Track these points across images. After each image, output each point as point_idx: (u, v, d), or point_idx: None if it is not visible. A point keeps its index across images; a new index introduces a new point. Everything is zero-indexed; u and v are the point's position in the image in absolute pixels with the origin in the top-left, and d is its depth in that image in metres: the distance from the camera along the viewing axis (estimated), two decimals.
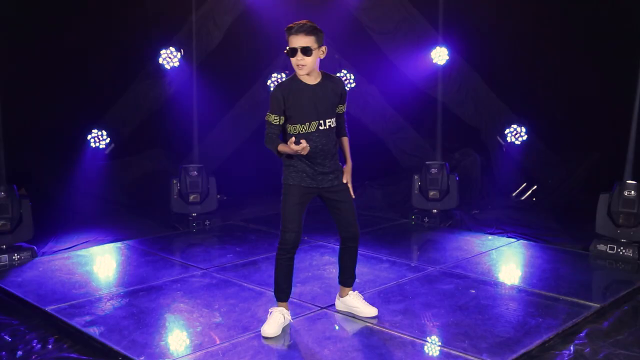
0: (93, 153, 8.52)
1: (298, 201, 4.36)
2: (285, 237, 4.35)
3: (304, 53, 4.14)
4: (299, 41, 4.13)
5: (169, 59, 8.29)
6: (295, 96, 4.24)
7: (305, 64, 4.17)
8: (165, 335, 4.49)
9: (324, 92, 4.30)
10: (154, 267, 6.09)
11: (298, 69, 4.22)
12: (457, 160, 8.89)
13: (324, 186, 4.39)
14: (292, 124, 4.28)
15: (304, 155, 4.22)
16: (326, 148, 4.33)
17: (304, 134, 4.26)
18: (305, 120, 4.26)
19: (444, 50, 8.06)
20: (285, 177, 4.40)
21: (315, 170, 4.35)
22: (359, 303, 4.75)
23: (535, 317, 4.70)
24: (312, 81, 4.29)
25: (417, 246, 7.06)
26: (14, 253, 6.23)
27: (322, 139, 4.30)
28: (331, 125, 4.34)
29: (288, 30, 4.16)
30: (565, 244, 6.78)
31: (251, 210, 8.74)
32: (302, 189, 4.36)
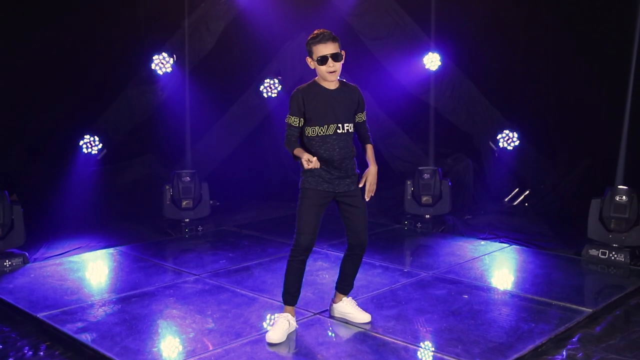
0: (85, 159, 8.49)
1: (315, 205, 4.37)
2: (299, 240, 4.35)
3: (335, 59, 4.23)
4: (328, 48, 4.22)
5: (162, 64, 8.28)
6: (315, 99, 4.31)
7: (336, 69, 4.27)
8: (157, 341, 4.47)
9: (342, 97, 4.37)
10: (146, 273, 6.07)
11: (330, 76, 4.28)
12: (450, 165, 8.91)
13: (340, 190, 4.41)
14: (311, 126, 4.34)
15: (323, 160, 4.29)
16: (343, 152, 4.36)
17: (322, 137, 4.32)
18: (324, 123, 4.32)
19: (436, 56, 8.09)
20: (303, 181, 4.43)
21: (331, 174, 4.37)
22: (353, 309, 4.75)
23: (527, 322, 4.71)
24: (331, 86, 4.36)
25: (410, 251, 7.07)
26: (6, 259, 6.20)
27: (339, 142, 4.34)
28: (349, 130, 4.39)
29: (313, 39, 4.24)
30: (557, 249, 6.81)
31: (244, 216, 8.73)
32: (319, 192, 4.38)
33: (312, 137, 4.34)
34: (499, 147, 8.79)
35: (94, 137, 8.48)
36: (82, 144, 8.41)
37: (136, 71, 8.54)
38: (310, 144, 4.36)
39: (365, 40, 9.12)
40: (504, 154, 8.81)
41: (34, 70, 7.64)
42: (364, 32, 9.09)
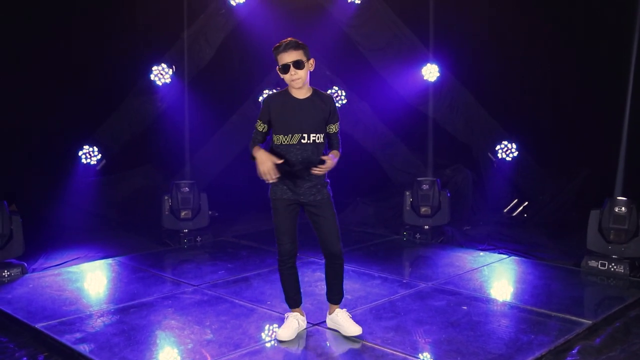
0: (84, 169, 8.50)
1: (284, 213, 4.46)
2: (281, 250, 4.50)
3: (296, 67, 4.25)
4: (290, 56, 4.25)
5: (161, 75, 8.31)
6: (282, 108, 4.36)
7: (299, 77, 4.28)
8: (156, 352, 4.46)
9: (312, 107, 4.38)
10: (144, 284, 6.06)
11: (293, 84, 4.31)
12: (449, 176, 8.91)
13: (305, 200, 4.45)
14: (276, 135, 4.41)
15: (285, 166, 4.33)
16: (307, 162, 4.37)
17: (286, 145, 4.37)
18: (288, 132, 4.36)
19: (435, 67, 8.12)
20: (270, 191, 4.50)
21: (295, 183, 4.40)
22: (344, 321, 4.70)
23: (527, 333, 4.70)
24: (301, 95, 4.39)
25: (409, 262, 7.06)
26: (4, 269, 6.19)
27: (303, 153, 4.36)
28: (315, 141, 4.38)
29: (276, 49, 4.30)
30: (556, 260, 6.80)
31: (242, 226, 8.72)
32: (284, 201, 4.44)
33: (277, 145, 4.41)
34: (497, 158, 8.80)
35: (93, 148, 8.50)
36: (81, 154, 8.43)
37: (135, 82, 8.56)
38: (276, 151, 4.41)
39: (364, 51, 9.15)
40: (502, 165, 8.83)
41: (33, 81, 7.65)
42: (362, 43, 9.13)
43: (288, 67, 4.25)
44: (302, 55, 4.27)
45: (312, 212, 4.48)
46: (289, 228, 4.47)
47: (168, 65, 8.30)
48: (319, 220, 4.48)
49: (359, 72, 9.40)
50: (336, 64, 9.68)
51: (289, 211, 4.46)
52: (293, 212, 4.48)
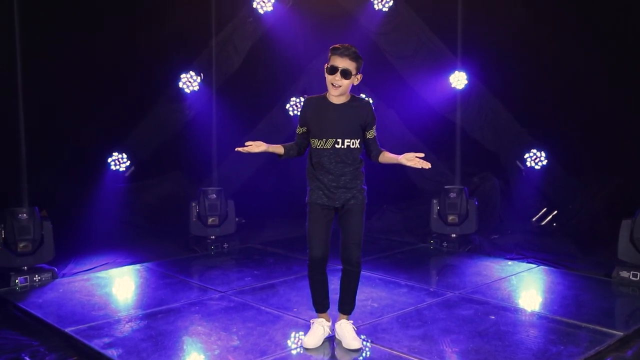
0: (113, 176, 8.60)
1: (319, 219, 4.46)
2: (311, 255, 4.48)
3: (343, 75, 4.27)
4: (343, 63, 4.26)
5: (189, 83, 8.39)
6: (318, 112, 4.40)
7: (341, 85, 4.30)
8: (183, 358, 4.48)
9: (348, 112, 4.39)
10: (172, 290, 6.10)
11: (332, 88, 4.32)
12: (476, 184, 8.85)
13: (339, 205, 4.45)
14: (312, 138, 4.46)
15: (321, 172, 4.38)
16: (340, 166, 4.39)
17: (320, 150, 4.40)
18: (322, 137, 4.38)
19: (463, 74, 8.08)
20: (308, 196, 4.52)
21: (329, 190, 4.41)
22: (346, 333, 4.61)
23: (556, 344, 4.63)
24: (338, 101, 4.40)
25: (436, 271, 7.01)
26: (35, 274, 6.29)
27: (336, 157, 4.38)
28: (351, 146, 4.39)
29: (334, 49, 4.30)
30: (586, 270, 6.70)
31: (269, 233, 8.75)
32: (319, 206, 4.45)
33: (313, 149, 4.46)
34: (526, 167, 8.71)
35: (122, 155, 8.59)
36: (110, 161, 8.53)
37: (164, 90, 8.65)
38: (313, 154, 4.47)
39: (392, 59, 9.14)
40: (531, 173, 8.73)
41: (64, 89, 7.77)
42: (390, 50, 9.12)
43: (336, 70, 4.26)
44: (354, 68, 4.29)
45: (343, 216, 4.48)
46: (321, 234, 4.45)
47: (196, 73, 8.38)
48: (347, 224, 4.47)
49: (386, 80, 9.38)
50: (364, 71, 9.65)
51: (323, 216, 4.46)
52: (327, 218, 4.48)
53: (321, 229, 4.46)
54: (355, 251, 4.48)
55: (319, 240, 4.45)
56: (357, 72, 4.33)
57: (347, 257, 4.51)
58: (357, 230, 4.47)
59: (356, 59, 4.29)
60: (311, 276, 4.60)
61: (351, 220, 4.46)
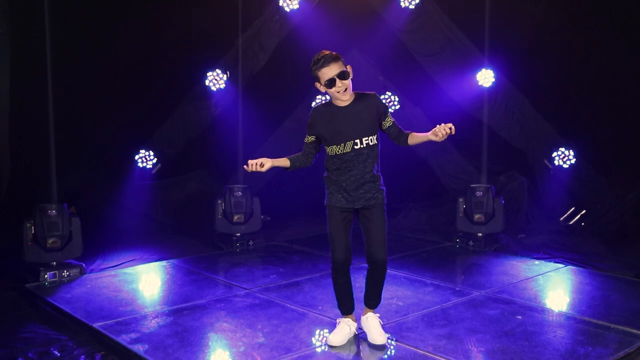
0: (140, 173, 8.68)
1: (339, 222, 4.47)
2: (334, 258, 4.50)
3: (341, 78, 4.26)
4: (332, 70, 4.26)
5: (215, 81, 8.43)
6: (328, 119, 4.39)
7: (346, 86, 4.29)
8: (208, 354, 4.51)
9: (357, 111, 4.37)
10: (198, 286, 6.15)
11: (341, 96, 4.32)
12: (503, 183, 8.76)
13: (359, 206, 4.45)
14: (329, 146, 4.43)
15: (342, 177, 4.38)
16: (362, 166, 4.38)
17: (340, 155, 4.38)
18: (340, 142, 4.36)
19: (490, 72, 8.00)
20: (326, 199, 4.52)
21: (349, 194, 4.41)
22: (373, 327, 4.64)
23: (584, 345, 4.58)
24: (344, 103, 4.39)
25: (462, 270, 6.96)
26: (64, 270, 6.38)
27: (358, 158, 4.37)
28: (369, 144, 4.38)
29: (315, 65, 4.31)
30: (615, 271, 6.60)
31: (295, 231, 8.76)
32: (339, 209, 4.45)
33: (331, 156, 4.43)
34: (554, 165, 8.61)
35: (149, 152, 8.66)
36: (137, 158, 8.61)
37: (190, 88, 8.71)
38: (331, 162, 4.44)
39: (418, 57, 9.08)
40: (559, 172, 8.63)
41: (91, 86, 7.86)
42: (416, 48, 9.06)
43: (334, 81, 4.25)
44: (342, 65, 4.28)
45: (364, 215, 4.47)
46: (342, 236, 4.47)
47: (222, 71, 8.42)
48: (369, 224, 4.46)
49: (413, 78, 9.34)
50: (389, 69, 9.64)
51: (343, 218, 4.46)
52: (347, 220, 4.49)
53: (342, 232, 4.47)
54: (380, 252, 4.46)
55: (341, 244, 4.46)
56: (346, 66, 4.32)
57: (373, 258, 4.50)
58: (380, 230, 4.46)
59: (337, 58, 4.28)
60: (335, 279, 4.61)
61: (373, 220, 4.45)
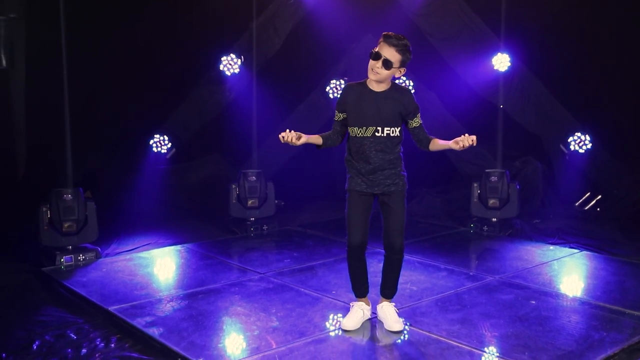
0: (155, 157, 8.71)
1: (358, 206, 4.47)
2: (350, 241, 4.51)
3: (384, 64, 4.23)
4: (388, 52, 4.22)
5: (230, 65, 8.42)
6: (358, 100, 4.36)
7: (381, 73, 4.26)
8: (223, 337, 4.55)
9: (387, 100, 4.35)
10: (212, 271, 6.18)
11: (371, 73, 4.30)
12: (518, 168, 8.71)
13: (379, 192, 4.44)
14: (351, 127, 4.42)
15: (361, 160, 4.37)
16: (380, 155, 4.37)
17: (360, 138, 4.37)
18: (362, 125, 4.36)
19: (506, 56, 7.92)
20: (347, 183, 4.52)
21: (368, 178, 4.41)
22: (388, 315, 4.65)
23: (599, 330, 4.56)
24: (378, 89, 4.37)
25: (476, 255, 6.95)
26: (80, 254, 6.44)
27: (376, 146, 4.36)
28: (391, 134, 4.37)
29: (385, 36, 4.26)
30: (631, 256, 6.56)
31: (309, 215, 8.77)
32: (358, 193, 4.45)
33: (352, 138, 4.44)
34: (570, 150, 8.54)
35: (164, 137, 8.68)
36: (152, 143, 8.63)
37: (205, 72, 8.70)
38: (351, 143, 4.44)
39: (433, 41, 9.01)
40: (575, 157, 8.56)
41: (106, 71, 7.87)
42: (431, 32, 8.98)
43: (379, 57, 4.22)
44: (398, 61, 4.24)
45: (384, 201, 4.47)
46: (361, 220, 4.48)
47: (237, 55, 8.40)
48: (388, 210, 4.47)
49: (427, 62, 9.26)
50: None
51: (362, 202, 4.47)
52: (366, 204, 4.49)
53: (360, 216, 4.47)
54: (398, 238, 4.47)
55: (358, 228, 4.47)
56: (401, 66, 4.28)
57: (390, 244, 4.50)
58: (399, 217, 4.46)
59: (403, 52, 4.23)
60: (350, 262, 4.63)
61: (393, 206, 4.45)
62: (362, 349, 4.35)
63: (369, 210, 4.52)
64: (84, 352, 4.36)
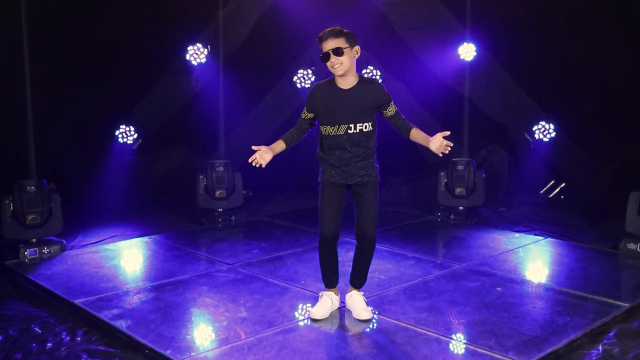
0: (121, 148, 8.60)
1: (331, 197, 4.49)
2: (322, 231, 4.52)
3: (336, 54, 4.26)
4: (329, 44, 4.27)
5: (196, 55, 8.34)
6: (327, 99, 4.38)
7: (340, 62, 4.28)
8: (191, 329, 4.53)
9: (357, 96, 4.37)
10: (180, 262, 6.14)
11: (335, 70, 4.32)
12: (484, 157, 8.81)
13: (352, 182, 4.47)
14: (323, 126, 4.44)
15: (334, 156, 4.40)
16: (354, 150, 4.39)
17: (333, 136, 4.39)
18: (335, 123, 4.38)
19: (471, 46, 7.99)
20: (320, 175, 4.54)
21: (342, 167, 4.43)
22: (357, 304, 4.68)
23: (562, 316, 4.65)
24: (346, 85, 4.39)
25: (443, 243, 7.02)
26: (44, 246, 6.34)
27: (350, 142, 4.38)
28: (363, 130, 4.39)
29: (319, 39, 4.34)
30: (593, 243, 6.70)
31: (277, 206, 8.77)
32: (332, 184, 4.47)
33: (325, 136, 4.45)
34: (534, 139, 8.66)
35: (130, 127, 8.59)
36: (117, 133, 8.53)
37: (171, 62, 8.61)
38: (325, 141, 4.46)
39: (400, 31, 9.04)
40: (539, 146, 8.69)
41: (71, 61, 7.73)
42: (398, 22, 9.01)
43: (328, 55, 4.27)
44: (343, 43, 4.27)
45: (357, 192, 4.50)
46: (333, 212, 4.49)
47: (203, 45, 8.33)
48: (361, 201, 4.49)
49: (395, 52, 9.30)
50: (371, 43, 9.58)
51: (336, 193, 4.49)
52: (340, 195, 4.51)
53: (333, 207, 4.49)
54: (370, 229, 4.51)
55: (331, 219, 4.48)
56: (351, 46, 4.31)
57: (362, 234, 4.54)
58: (371, 208, 4.50)
59: (340, 35, 4.28)
60: (322, 253, 4.64)
61: (365, 197, 4.48)
62: (331, 337, 4.37)
63: (342, 201, 4.53)
64: (50, 347, 4.31)
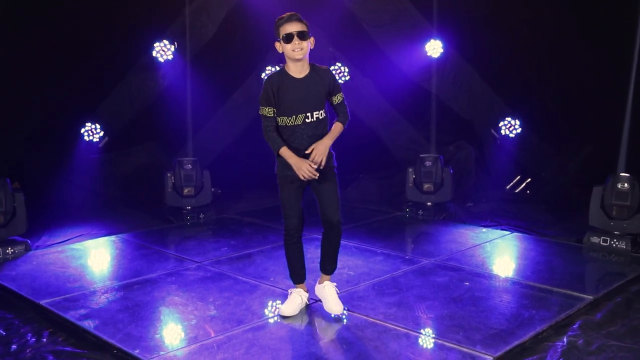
0: (87, 146, 8.48)
1: (290, 189, 4.48)
2: (287, 224, 4.53)
3: (300, 37, 4.23)
4: (295, 27, 4.23)
5: (163, 52, 8.26)
6: (283, 90, 4.32)
7: (302, 47, 4.25)
8: (160, 328, 4.49)
9: (311, 84, 4.36)
10: (148, 261, 6.09)
11: (295, 54, 4.25)
12: (452, 153, 8.89)
13: None
14: (280, 117, 4.38)
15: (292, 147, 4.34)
16: (312, 140, 4.37)
17: (291, 127, 4.36)
18: (292, 114, 4.34)
19: (438, 43, 8.05)
20: (277, 168, 4.50)
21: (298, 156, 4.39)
22: (329, 296, 4.66)
23: (528, 309, 4.72)
24: (299, 74, 4.35)
25: (412, 239, 7.08)
26: (8, 247, 6.23)
27: (308, 131, 4.37)
28: (319, 117, 4.39)
29: (280, 20, 4.28)
30: (558, 237, 6.81)
31: (245, 203, 8.73)
32: (290, 177, 4.43)
33: (281, 127, 4.39)
34: (500, 135, 8.77)
35: (96, 125, 8.47)
36: (83, 131, 8.41)
37: (137, 59, 8.52)
38: (281, 131, 4.40)
39: (367, 28, 9.08)
40: (505, 142, 8.79)
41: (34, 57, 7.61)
42: (365, 19, 9.05)
43: (292, 36, 4.21)
44: (306, 27, 4.28)
45: (316, 180, 4.45)
46: (295, 203, 4.50)
47: (170, 41, 8.25)
48: (321, 188, 4.47)
49: (362, 49, 9.33)
50: (339, 40, 9.61)
51: (296, 186, 4.48)
52: (299, 188, 4.50)
53: (294, 198, 4.49)
54: (335, 212, 4.49)
55: (293, 209, 4.50)
56: (309, 35, 4.31)
57: (328, 219, 4.51)
58: (332, 191, 4.48)
59: (304, 22, 4.29)
60: (288, 246, 4.63)
61: (325, 183, 4.46)
62: (300, 334, 4.37)
63: (302, 191, 4.54)
64: (14, 348, 4.24)
